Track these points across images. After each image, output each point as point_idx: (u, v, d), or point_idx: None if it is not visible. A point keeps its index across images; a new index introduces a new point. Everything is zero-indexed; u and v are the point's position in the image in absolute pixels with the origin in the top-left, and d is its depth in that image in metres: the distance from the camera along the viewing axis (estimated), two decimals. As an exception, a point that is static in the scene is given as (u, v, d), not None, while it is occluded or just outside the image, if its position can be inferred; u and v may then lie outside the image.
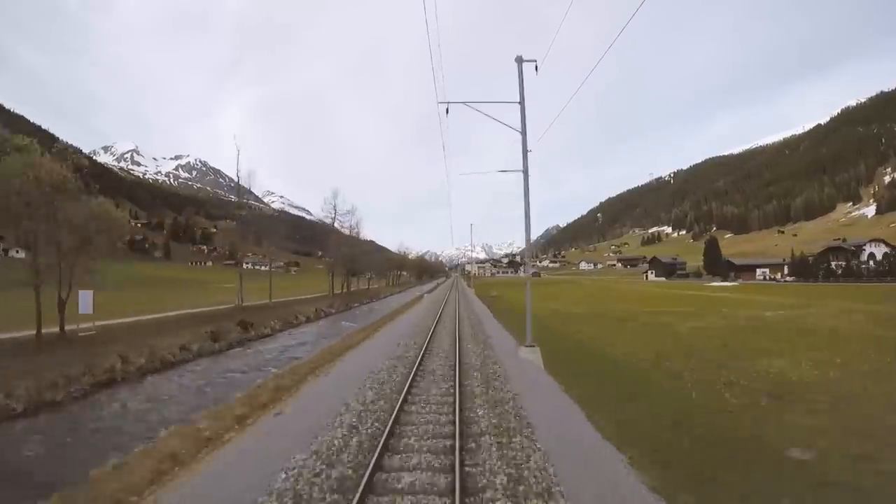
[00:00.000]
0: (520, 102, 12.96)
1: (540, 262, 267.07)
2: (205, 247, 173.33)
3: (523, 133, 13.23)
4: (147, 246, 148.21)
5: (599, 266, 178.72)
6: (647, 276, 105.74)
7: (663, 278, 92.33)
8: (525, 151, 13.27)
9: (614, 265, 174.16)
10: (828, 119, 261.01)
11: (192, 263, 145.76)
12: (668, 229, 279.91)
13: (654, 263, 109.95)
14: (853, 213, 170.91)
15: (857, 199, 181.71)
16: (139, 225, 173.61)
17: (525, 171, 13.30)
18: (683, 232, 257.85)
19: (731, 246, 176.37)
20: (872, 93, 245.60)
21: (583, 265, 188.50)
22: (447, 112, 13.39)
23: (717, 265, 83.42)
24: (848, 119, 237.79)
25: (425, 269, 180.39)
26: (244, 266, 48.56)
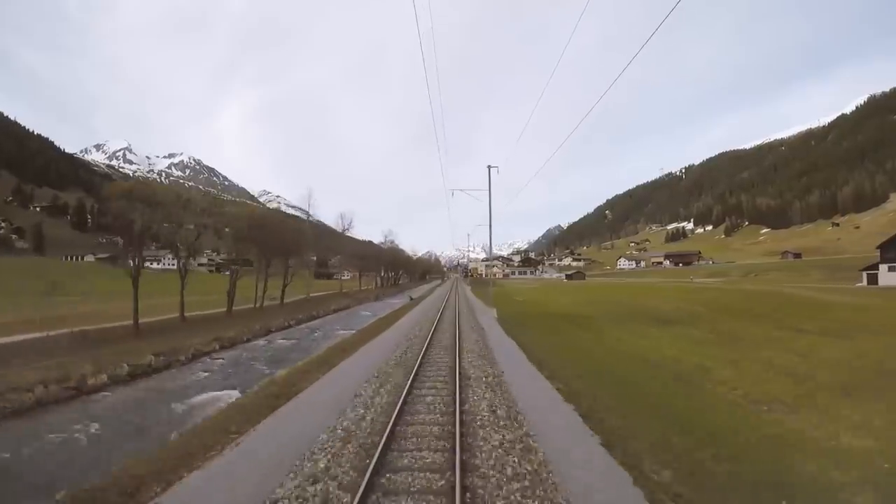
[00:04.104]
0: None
1: (559, 260, 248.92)
2: (119, 239, 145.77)
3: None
4: (10, 235, 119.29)
5: (643, 264, 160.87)
6: (866, 277, 47.02)
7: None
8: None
9: (660, 262, 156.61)
10: (853, 108, 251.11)
11: (66, 258, 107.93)
12: (690, 225, 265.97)
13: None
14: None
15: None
16: (37, 209, 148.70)
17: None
18: (710, 227, 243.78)
19: (783, 241, 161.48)
20: (879, 90, 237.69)
21: (622, 263, 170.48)
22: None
23: None
24: (878, 108, 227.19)
25: (403, 267, 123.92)
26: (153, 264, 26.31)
